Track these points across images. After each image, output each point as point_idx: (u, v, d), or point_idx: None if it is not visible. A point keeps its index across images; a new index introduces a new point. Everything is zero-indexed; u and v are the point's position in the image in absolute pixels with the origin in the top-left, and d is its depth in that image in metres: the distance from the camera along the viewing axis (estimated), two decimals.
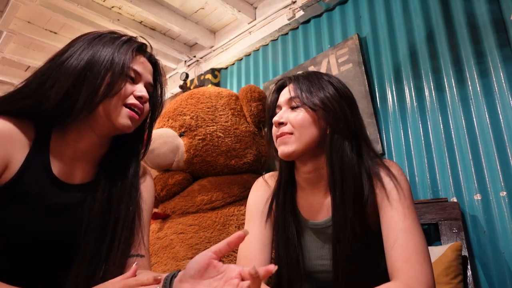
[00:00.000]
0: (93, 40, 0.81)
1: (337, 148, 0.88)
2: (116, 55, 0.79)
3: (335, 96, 0.92)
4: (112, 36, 0.84)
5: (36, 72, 0.78)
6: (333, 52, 1.95)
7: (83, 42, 0.80)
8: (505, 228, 1.33)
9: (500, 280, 1.32)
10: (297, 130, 0.90)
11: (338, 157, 0.88)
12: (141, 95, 0.82)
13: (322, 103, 0.90)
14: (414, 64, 1.70)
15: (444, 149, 1.53)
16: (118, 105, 0.79)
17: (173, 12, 2.38)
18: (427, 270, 0.74)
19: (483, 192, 1.41)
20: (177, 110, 1.79)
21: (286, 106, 0.94)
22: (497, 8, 1.50)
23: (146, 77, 0.85)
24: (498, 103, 1.43)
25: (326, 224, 0.93)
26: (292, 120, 0.91)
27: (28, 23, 2.34)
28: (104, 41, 0.81)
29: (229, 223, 1.55)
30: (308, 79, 0.95)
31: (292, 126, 0.90)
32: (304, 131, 0.89)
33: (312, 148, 0.91)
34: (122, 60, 0.79)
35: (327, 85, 0.94)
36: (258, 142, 1.80)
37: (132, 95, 0.81)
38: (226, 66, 2.64)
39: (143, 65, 0.85)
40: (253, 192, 1.05)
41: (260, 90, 1.82)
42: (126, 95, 0.80)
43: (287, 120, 0.91)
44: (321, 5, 2.04)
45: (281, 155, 0.91)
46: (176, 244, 1.45)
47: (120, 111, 0.79)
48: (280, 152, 0.91)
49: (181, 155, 1.69)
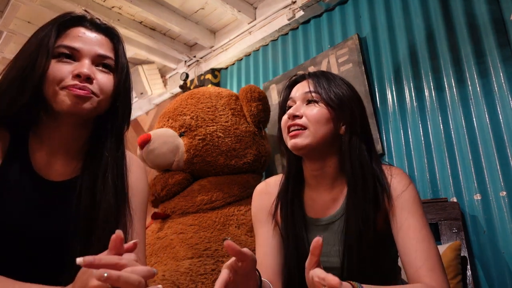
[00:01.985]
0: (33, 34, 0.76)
1: (355, 147, 0.90)
2: (40, 38, 0.73)
3: (351, 96, 0.93)
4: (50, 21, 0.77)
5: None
6: (333, 52, 1.95)
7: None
8: (505, 228, 1.33)
9: (499, 280, 1.32)
10: (313, 125, 0.89)
11: (357, 155, 0.89)
12: (77, 73, 0.72)
13: (340, 100, 0.90)
14: (414, 64, 1.70)
15: (444, 149, 1.53)
16: (55, 90, 0.72)
17: (173, 12, 2.38)
18: (447, 280, 0.79)
19: (483, 192, 1.41)
20: (177, 110, 1.79)
21: (301, 101, 0.93)
22: (497, 8, 1.50)
23: (91, 49, 0.75)
24: (498, 103, 1.43)
25: (329, 221, 0.93)
26: (308, 114, 0.90)
27: (28, 23, 2.34)
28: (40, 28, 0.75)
29: (229, 223, 1.55)
30: (326, 76, 0.95)
31: (308, 120, 0.90)
32: (319, 127, 0.89)
33: (323, 146, 0.91)
34: (45, 41, 0.72)
35: (342, 85, 0.94)
36: (258, 142, 1.80)
37: (70, 74, 0.73)
38: (226, 66, 2.64)
39: (81, 38, 0.75)
40: (256, 198, 1.05)
41: (260, 90, 1.82)
42: (58, 76, 0.72)
43: (302, 114, 0.91)
44: (321, 5, 2.04)
45: (294, 147, 0.90)
46: (176, 244, 1.45)
47: (57, 95, 0.72)
48: (292, 144, 0.90)
49: (181, 155, 1.69)
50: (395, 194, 0.87)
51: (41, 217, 0.75)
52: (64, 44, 0.74)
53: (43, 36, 0.73)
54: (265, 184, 1.06)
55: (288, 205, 0.96)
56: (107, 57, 0.78)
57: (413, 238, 0.82)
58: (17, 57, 0.75)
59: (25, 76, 0.71)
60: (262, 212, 1.01)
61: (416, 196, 0.88)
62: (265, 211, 1.00)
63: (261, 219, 1.00)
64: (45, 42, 0.72)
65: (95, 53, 0.76)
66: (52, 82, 0.72)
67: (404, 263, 0.82)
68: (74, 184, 0.78)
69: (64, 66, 0.73)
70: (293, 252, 0.92)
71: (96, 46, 0.77)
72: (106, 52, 0.78)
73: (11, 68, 0.74)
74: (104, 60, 0.78)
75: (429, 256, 0.80)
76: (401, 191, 0.87)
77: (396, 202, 0.86)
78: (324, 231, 0.93)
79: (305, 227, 0.94)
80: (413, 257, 0.80)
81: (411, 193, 0.87)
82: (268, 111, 1.84)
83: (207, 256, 1.37)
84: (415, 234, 0.82)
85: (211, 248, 1.41)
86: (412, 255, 0.80)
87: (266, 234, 0.98)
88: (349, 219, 0.88)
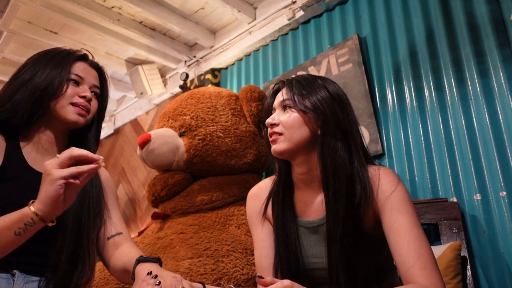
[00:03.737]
0: (39, 58, 0.98)
1: (328, 147, 0.92)
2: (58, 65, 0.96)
3: (326, 99, 0.95)
4: (56, 51, 1.01)
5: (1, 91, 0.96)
6: (333, 52, 1.95)
7: (32, 61, 0.98)
8: (505, 228, 1.33)
9: (499, 280, 1.32)
10: (287, 130, 0.94)
11: (330, 155, 0.92)
12: (84, 94, 0.98)
13: (313, 105, 0.94)
14: (414, 64, 1.70)
15: (444, 149, 1.53)
16: (65, 104, 0.96)
17: (173, 12, 2.38)
18: (441, 278, 0.79)
19: (483, 192, 1.41)
20: (177, 110, 1.79)
21: (279, 108, 1.00)
22: (497, 8, 1.50)
23: (90, 80, 1.01)
24: (498, 103, 1.43)
25: (319, 223, 0.95)
26: (283, 121, 0.96)
27: (28, 23, 2.34)
28: (49, 57, 0.98)
29: (229, 223, 1.55)
30: (300, 83, 0.99)
31: (283, 126, 0.95)
32: (294, 131, 0.94)
33: (303, 148, 0.95)
34: (63, 68, 0.96)
35: (320, 88, 0.97)
36: (258, 142, 1.80)
37: (77, 95, 0.97)
38: (226, 66, 2.64)
39: (85, 71, 1.01)
40: (249, 202, 1.10)
41: (260, 90, 1.82)
42: (71, 95, 0.96)
43: (278, 121, 0.96)
44: (321, 5, 2.04)
45: (273, 153, 0.97)
46: (176, 244, 1.45)
47: (67, 109, 0.96)
48: (272, 150, 0.97)
49: (181, 155, 1.69)
50: (384, 195, 0.88)
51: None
52: (76, 73, 0.99)
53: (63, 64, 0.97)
54: (257, 187, 1.11)
55: (279, 207, 1.00)
56: (97, 87, 1.04)
57: (404, 237, 0.82)
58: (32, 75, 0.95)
59: (47, 93, 0.93)
60: (254, 215, 1.06)
61: (406, 195, 0.88)
62: (258, 214, 1.05)
63: (255, 222, 1.06)
64: (67, 69, 0.97)
65: (92, 83, 1.02)
66: (66, 99, 0.96)
67: (397, 263, 0.82)
68: None
69: (74, 88, 0.98)
70: (283, 254, 0.96)
71: (93, 78, 1.03)
72: (97, 83, 1.04)
73: (23, 83, 0.94)
74: (95, 89, 1.03)
75: (421, 254, 0.80)
76: (390, 192, 0.88)
77: (385, 203, 0.87)
78: (315, 233, 0.96)
79: (296, 230, 0.97)
80: (405, 256, 0.80)
81: (400, 193, 0.88)
82: None
83: (207, 256, 1.37)
84: (406, 233, 0.83)
85: (211, 248, 1.41)
86: (404, 254, 0.81)
87: (261, 235, 1.04)
88: (328, 221, 0.90)
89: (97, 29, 2.36)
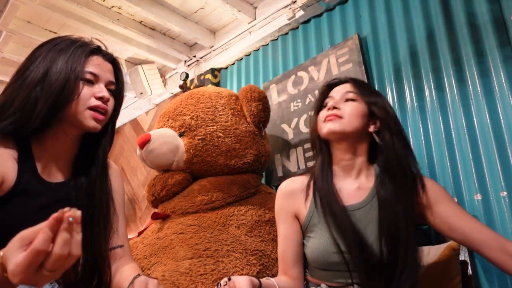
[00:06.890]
0: (49, 52, 0.86)
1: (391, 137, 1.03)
2: (70, 62, 0.84)
3: (383, 98, 1.12)
4: (67, 42, 0.88)
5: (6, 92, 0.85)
6: (333, 52, 1.94)
7: (41, 54, 0.86)
8: (505, 228, 1.33)
9: (500, 280, 1.32)
10: (349, 116, 1.05)
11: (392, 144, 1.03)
12: (101, 95, 0.88)
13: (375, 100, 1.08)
14: (414, 64, 1.70)
15: (444, 149, 1.53)
16: (82, 109, 0.86)
17: (173, 12, 2.38)
18: None
19: (483, 192, 1.40)
20: (177, 110, 1.78)
21: (340, 99, 1.09)
22: (498, 7, 1.49)
23: (105, 76, 0.90)
24: (499, 102, 1.43)
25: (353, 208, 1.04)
26: (345, 108, 1.06)
27: (28, 23, 2.34)
28: (59, 48, 0.86)
29: (229, 223, 1.54)
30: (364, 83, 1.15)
31: (345, 112, 1.05)
32: (354, 119, 1.05)
33: (354, 137, 1.06)
34: (76, 65, 0.84)
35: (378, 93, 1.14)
36: (258, 142, 1.79)
37: (93, 96, 0.87)
38: (226, 66, 2.63)
39: (100, 66, 0.90)
40: (282, 196, 1.16)
41: (260, 90, 1.82)
42: (87, 97, 0.86)
43: (342, 108, 1.07)
44: (321, 5, 2.04)
45: (327, 131, 1.05)
46: (176, 244, 1.45)
47: (85, 114, 0.86)
48: (327, 129, 1.05)
49: (181, 155, 1.69)
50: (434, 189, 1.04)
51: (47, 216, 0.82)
52: (89, 71, 0.87)
53: (76, 61, 0.85)
54: (290, 182, 1.16)
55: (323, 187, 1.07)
56: (113, 83, 0.93)
57: (474, 220, 0.97)
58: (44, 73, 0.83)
59: (63, 96, 0.82)
60: (282, 210, 1.13)
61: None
62: (286, 210, 1.12)
63: (282, 217, 1.13)
64: (80, 69, 0.85)
65: (107, 79, 0.91)
66: (81, 102, 0.86)
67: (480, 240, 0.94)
68: (72, 185, 0.92)
69: (89, 89, 0.87)
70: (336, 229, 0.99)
71: (108, 73, 0.92)
72: (113, 79, 0.93)
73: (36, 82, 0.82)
74: (110, 86, 0.92)
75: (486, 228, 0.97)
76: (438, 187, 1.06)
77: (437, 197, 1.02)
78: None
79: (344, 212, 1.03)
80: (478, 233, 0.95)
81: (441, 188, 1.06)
82: (268, 111, 1.84)
83: (207, 256, 1.37)
84: (471, 217, 0.98)
85: (211, 248, 1.40)
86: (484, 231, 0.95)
87: (285, 231, 1.11)
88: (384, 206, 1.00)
89: (96, 28, 2.35)
